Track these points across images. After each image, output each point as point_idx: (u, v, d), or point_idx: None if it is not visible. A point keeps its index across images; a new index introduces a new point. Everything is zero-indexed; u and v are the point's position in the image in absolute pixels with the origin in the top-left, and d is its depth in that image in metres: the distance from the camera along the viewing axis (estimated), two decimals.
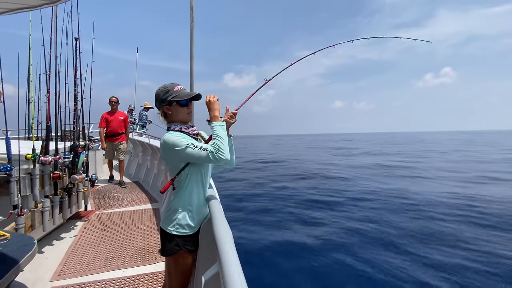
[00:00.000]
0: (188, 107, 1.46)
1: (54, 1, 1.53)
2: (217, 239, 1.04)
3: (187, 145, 1.30)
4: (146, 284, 2.21)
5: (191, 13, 2.55)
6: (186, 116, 1.47)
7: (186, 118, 1.48)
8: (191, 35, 2.66)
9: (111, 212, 3.93)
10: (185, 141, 1.31)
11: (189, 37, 2.63)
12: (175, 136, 1.35)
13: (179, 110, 1.44)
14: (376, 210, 6.36)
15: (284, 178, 11.08)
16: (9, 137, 2.47)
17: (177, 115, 1.45)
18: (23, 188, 2.52)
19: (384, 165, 14.69)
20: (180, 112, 1.45)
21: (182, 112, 1.45)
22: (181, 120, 1.47)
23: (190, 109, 1.48)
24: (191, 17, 2.58)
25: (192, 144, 1.30)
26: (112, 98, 5.51)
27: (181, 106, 1.43)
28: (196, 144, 1.31)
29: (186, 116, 1.47)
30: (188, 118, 1.49)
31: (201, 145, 1.31)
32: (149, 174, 5.74)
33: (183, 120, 1.48)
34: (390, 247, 4.39)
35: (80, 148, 3.29)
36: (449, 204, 6.82)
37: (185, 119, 1.48)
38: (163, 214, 1.47)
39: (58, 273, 2.33)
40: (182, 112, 1.45)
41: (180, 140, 1.32)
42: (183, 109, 1.44)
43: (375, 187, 8.96)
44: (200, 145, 1.32)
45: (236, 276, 0.77)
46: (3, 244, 1.78)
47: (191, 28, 2.63)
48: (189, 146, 1.30)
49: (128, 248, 2.83)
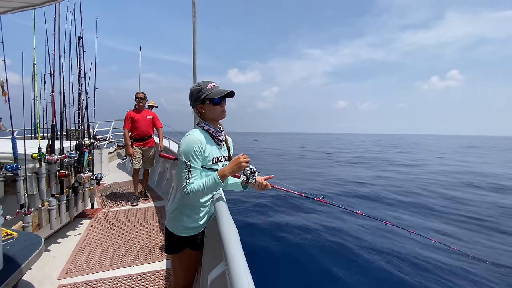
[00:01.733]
0: (221, 105, 1.43)
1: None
2: (223, 238, 1.03)
3: (186, 165, 1.29)
4: (152, 282, 2.21)
5: (193, 9, 2.51)
6: (219, 115, 1.45)
7: (219, 116, 1.45)
8: (194, 30, 2.63)
9: (117, 210, 3.95)
10: (191, 158, 1.29)
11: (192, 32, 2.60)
12: (194, 144, 1.30)
13: (212, 108, 1.41)
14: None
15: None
16: (15, 136, 2.49)
17: (210, 113, 1.43)
18: (30, 187, 2.54)
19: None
20: (213, 110, 1.42)
21: (216, 111, 1.42)
22: (214, 119, 1.45)
23: (223, 107, 1.45)
24: (193, 13, 2.55)
25: (190, 171, 1.29)
26: (138, 94, 4.47)
27: (214, 105, 1.40)
28: (191, 172, 1.29)
29: (219, 114, 1.44)
30: (221, 116, 1.46)
31: (190, 178, 1.29)
32: (155, 172, 5.77)
33: (216, 118, 1.45)
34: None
35: (85, 146, 3.30)
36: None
37: (218, 117, 1.46)
38: (169, 213, 1.46)
39: (66, 271, 2.34)
40: (215, 110, 1.42)
41: (191, 153, 1.29)
42: (216, 108, 1.41)
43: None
44: (193, 176, 1.30)
45: (243, 276, 0.75)
46: (10, 243, 1.79)
47: (193, 23, 2.60)
48: (187, 167, 1.29)
49: (134, 246, 2.84)
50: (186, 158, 1.29)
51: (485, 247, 4.58)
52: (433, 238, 2.91)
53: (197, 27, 2.59)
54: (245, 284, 0.72)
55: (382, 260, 3.94)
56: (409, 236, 4.54)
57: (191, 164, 1.29)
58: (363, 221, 5.36)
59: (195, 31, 2.65)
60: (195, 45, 2.72)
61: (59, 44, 3.02)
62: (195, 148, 1.30)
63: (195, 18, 2.58)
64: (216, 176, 1.31)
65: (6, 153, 2.48)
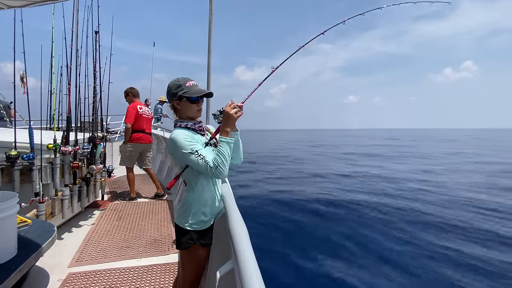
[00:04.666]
0: (198, 104, 1.43)
1: None
2: (232, 236, 1.03)
3: (191, 151, 1.28)
4: (159, 275, 2.25)
5: (210, 6, 2.51)
6: (195, 113, 1.44)
7: (195, 115, 1.44)
8: (210, 28, 2.63)
9: (126, 203, 4.02)
10: (192, 146, 1.29)
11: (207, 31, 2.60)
12: (182, 137, 1.31)
13: (189, 106, 1.41)
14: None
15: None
16: (32, 127, 2.56)
17: (186, 111, 1.42)
18: (45, 177, 2.62)
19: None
20: (190, 108, 1.41)
21: (192, 109, 1.42)
22: (190, 117, 1.44)
23: (200, 106, 1.44)
24: (210, 10, 2.55)
25: (197, 152, 1.27)
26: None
27: (191, 103, 1.40)
28: (200, 152, 1.28)
29: (195, 113, 1.44)
30: (197, 115, 1.46)
31: (205, 156, 1.28)
32: (163, 166, 5.84)
33: (191, 116, 1.44)
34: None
35: (98, 139, 3.38)
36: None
37: (193, 115, 1.45)
38: (178, 209, 1.48)
39: (76, 260, 2.41)
40: (191, 108, 1.41)
41: (187, 144, 1.29)
42: (192, 106, 1.41)
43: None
44: (204, 154, 1.28)
45: (253, 276, 0.76)
46: (25, 230, 1.85)
47: (210, 21, 2.60)
48: (193, 153, 1.27)
49: (142, 239, 2.89)
50: (186, 149, 1.28)
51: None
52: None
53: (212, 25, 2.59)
54: (255, 285, 0.72)
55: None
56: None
57: (195, 148, 1.28)
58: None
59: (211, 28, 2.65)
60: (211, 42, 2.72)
61: (77, 38, 3.09)
62: (185, 138, 1.30)
63: (212, 16, 2.58)
64: (224, 139, 1.29)
65: (23, 142, 2.56)
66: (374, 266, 3.93)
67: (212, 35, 2.66)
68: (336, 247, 4.49)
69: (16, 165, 2.40)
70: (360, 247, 4.47)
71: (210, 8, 2.54)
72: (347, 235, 4.91)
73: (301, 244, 4.66)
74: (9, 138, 2.57)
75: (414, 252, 4.33)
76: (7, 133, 2.86)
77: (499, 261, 4.07)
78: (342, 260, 4.07)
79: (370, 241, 4.70)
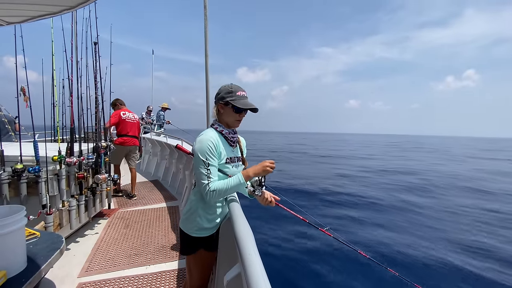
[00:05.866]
0: (241, 115, 1.45)
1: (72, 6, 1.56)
2: (238, 240, 1.03)
3: (204, 163, 1.30)
4: (168, 281, 2.25)
5: (205, 11, 2.53)
6: (234, 123, 1.46)
7: (233, 124, 1.47)
8: (205, 32, 2.65)
9: (132, 210, 4.05)
10: (207, 156, 1.31)
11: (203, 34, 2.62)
12: (209, 143, 1.33)
13: (231, 114, 1.43)
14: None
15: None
16: (36, 140, 2.59)
17: (227, 117, 1.45)
18: (51, 188, 2.64)
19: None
20: (231, 116, 1.43)
21: (233, 117, 1.44)
22: (228, 124, 1.47)
23: (241, 118, 1.46)
24: (205, 15, 2.57)
25: (209, 169, 1.30)
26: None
27: (234, 112, 1.42)
28: (210, 170, 1.31)
29: (234, 122, 1.46)
30: (235, 125, 1.48)
31: (211, 176, 1.31)
32: (168, 172, 5.86)
33: (230, 124, 1.47)
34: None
35: (102, 148, 3.40)
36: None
37: (232, 124, 1.47)
38: (183, 214, 1.48)
39: (85, 270, 2.42)
40: (232, 117, 1.44)
41: (207, 153, 1.31)
42: (234, 115, 1.43)
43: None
44: (212, 175, 1.31)
45: (260, 279, 0.76)
46: (33, 243, 1.86)
47: (205, 26, 2.62)
48: (205, 165, 1.30)
49: (150, 246, 2.90)
50: (203, 156, 1.31)
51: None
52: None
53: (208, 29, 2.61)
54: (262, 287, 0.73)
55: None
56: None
57: (209, 162, 1.31)
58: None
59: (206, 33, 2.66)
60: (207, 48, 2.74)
61: (77, 50, 3.12)
62: (210, 146, 1.32)
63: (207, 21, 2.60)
64: (240, 176, 1.33)
65: (29, 156, 2.59)
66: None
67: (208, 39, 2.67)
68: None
69: (22, 179, 2.43)
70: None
71: (205, 13, 2.55)
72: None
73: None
74: (15, 152, 2.60)
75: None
76: (13, 147, 2.90)
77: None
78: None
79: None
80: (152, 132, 7.76)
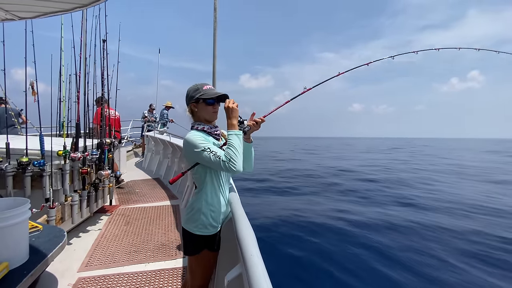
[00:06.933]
0: (214, 107, 1.48)
1: (85, 4, 1.59)
2: (240, 240, 1.03)
3: (203, 149, 1.31)
4: (166, 279, 2.26)
5: (215, 14, 2.55)
6: (211, 115, 1.49)
7: (211, 117, 1.50)
8: (214, 35, 2.67)
9: (133, 208, 4.06)
10: (204, 144, 1.33)
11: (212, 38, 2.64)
12: (195, 136, 1.37)
13: (205, 108, 1.47)
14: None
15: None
16: (42, 134, 2.62)
17: (202, 113, 1.48)
18: (55, 183, 2.67)
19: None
20: (206, 110, 1.47)
21: (208, 111, 1.47)
22: (206, 119, 1.50)
23: (216, 109, 1.50)
24: (214, 18, 2.59)
25: (209, 149, 1.31)
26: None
27: (207, 105, 1.46)
28: (212, 149, 1.32)
29: (211, 115, 1.49)
30: (213, 118, 1.51)
31: (216, 151, 1.32)
32: (170, 171, 5.88)
33: (208, 119, 1.50)
34: None
35: (106, 145, 3.43)
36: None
37: (210, 118, 1.50)
38: (185, 214, 1.48)
39: (85, 265, 2.44)
40: (207, 110, 1.47)
41: (199, 142, 1.34)
42: (208, 108, 1.47)
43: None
44: (216, 151, 1.32)
45: (262, 280, 0.76)
46: (36, 235, 1.88)
47: (214, 28, 2.64)
48: (205, 150, 1.31)
49: (150, 243, 2.91)
50: (198, 145, 1.33)
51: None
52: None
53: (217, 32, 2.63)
54: None
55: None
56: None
57: (205, 145, 1.33)
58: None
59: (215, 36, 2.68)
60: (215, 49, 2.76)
61: (85, 47, 3.16)
62: (198, 137, 1.36)
63: (216, 23, 2.62)
64: (231, 132, 1.36)
65: (34, 149, 2.62)
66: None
67: (217, 42, 2.70)
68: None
69: (27, 172, 2.45)
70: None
71: (215, 15, 2.57)
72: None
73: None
74: (21, 145, 2.63)
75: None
76: (19, 141, 2.93)
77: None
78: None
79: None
80: (155, 130, 7.80)
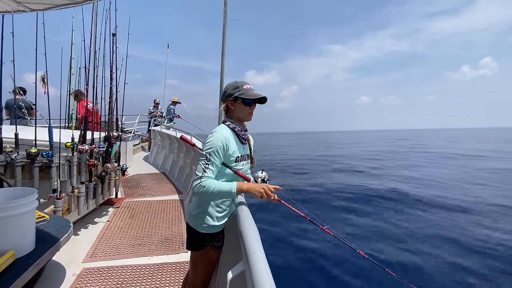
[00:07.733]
0: (251, 107, 1.46)
1: None
2: (244, 238, 1.03)
3: (206, 157, 1.31)
4: (169, 273, 2.28)
5: (225, 9, 2.53)
6: (246, 116, 1.47)
7: (246, 117, 1.48)
8: (224, 30, 2.65)
9: (139, 201, 4.11)
10: (213, 153, 1.31)
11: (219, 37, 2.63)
12: (218, 139, 1.33)
13: (242, 108, 1.44)
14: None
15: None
16: (51, 126, 2.66)
17: (237, 112, 1.46)
18: (62, 174, 2.70)
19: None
20: (242, 110, 1.45)
21: (244, 111, 1.45)
22: (240, 118, 1.48)
23: (252, 110, 1.47)
24: (224, 12, 2.56)
25: (210, 162, 1.30)
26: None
27: (245, 105, 1.43)
28: (210, 165, 1.30)
29: (246, 115, 1.47)
30: (247, 118, 1.49)
31: (207, 172, 1.29)
32: (175, 166, 5.92)
33: (242, 118, 1.48)
34: None
35: (113, 138, 3.46)
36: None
37: (244, 118, 1.48)
38: (191, 211, 1.48)
39: (90, 256, 2.47)
40: (244, 110, 1.45)
41: (213, 149, 1.31)
42: (245, 108, 1.44)
43: None
44: (209, 170, 1.30)
45: (265, 277, 0.76)
46: (43, 225, 1.91)
47: (224, 23, 2.61)
48: (206, 159, 1.30)
49: (154, 237, 2.93)
50: (208, 152, 1.31)
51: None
52: None
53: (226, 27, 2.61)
54: (267, 286, 0.72)
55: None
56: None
57: (211, 159, 1.31)
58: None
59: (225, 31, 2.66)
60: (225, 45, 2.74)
61: (95, 40, 3.18)
62: (220, 145, 1.33)
63: (226, 18, 2.60)
64: (234, 186, 1.30)
65: (43, 140, 2.65)
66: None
67: (226, 37, 2.68)
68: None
69: (36, 162, 2.50)
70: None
71: (225, 10, 2.55)
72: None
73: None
74: (30, 136, 2.67)
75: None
76: (28, 132, 2.98)
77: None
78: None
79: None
80: (162, 125, 7.86)
